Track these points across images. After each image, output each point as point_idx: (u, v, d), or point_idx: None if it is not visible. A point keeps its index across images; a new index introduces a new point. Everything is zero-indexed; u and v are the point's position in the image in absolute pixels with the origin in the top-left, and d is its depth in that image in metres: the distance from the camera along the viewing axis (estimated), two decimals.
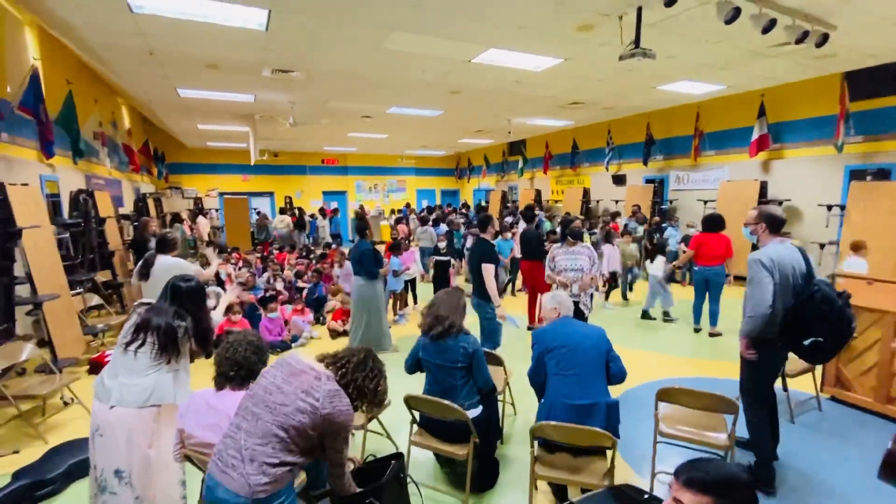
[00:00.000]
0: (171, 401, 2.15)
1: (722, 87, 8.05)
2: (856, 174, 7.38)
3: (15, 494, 2.68)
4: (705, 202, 9.29)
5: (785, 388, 3.59)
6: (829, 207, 7.41)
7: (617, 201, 11.62)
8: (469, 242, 8.37)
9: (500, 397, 3.26)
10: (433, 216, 10.49)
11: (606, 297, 7.31)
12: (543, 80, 7.18)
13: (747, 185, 8.42)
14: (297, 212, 14.22)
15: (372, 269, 4.94)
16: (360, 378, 1.73)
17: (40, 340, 4.40)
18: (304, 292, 6.80)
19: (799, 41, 4.47)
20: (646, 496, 1.23)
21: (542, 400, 2.64)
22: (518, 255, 6.91)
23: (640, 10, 4.18)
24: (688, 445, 2.75)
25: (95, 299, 5.51)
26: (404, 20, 4.68)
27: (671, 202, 10.47)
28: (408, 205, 17.23)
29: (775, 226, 2.76)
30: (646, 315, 6.40)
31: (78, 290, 5.11)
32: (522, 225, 7.39)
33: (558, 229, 6.15)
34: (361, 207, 15.01)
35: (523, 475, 2.74)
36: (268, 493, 1.49)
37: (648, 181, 11.06)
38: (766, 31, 4.16)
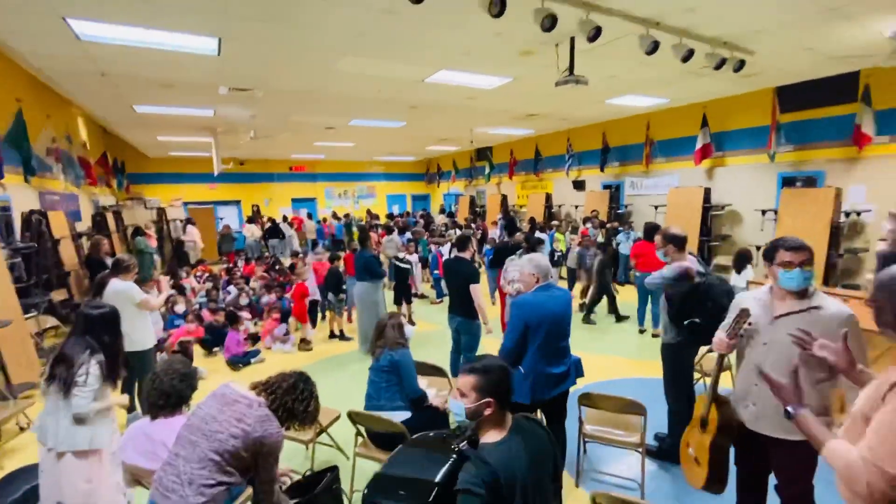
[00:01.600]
0: (107, 446, 2.25)
1: (665, 101, 8.54)
2: (787, 181, 7.97)
3: None
4: (656, 207, 9.81)
5: (696, 381, 3.92)
6: (764, 212, 7.98)
7: (577, 206, 12.09)
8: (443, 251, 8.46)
9: None
10: (397, 224, 10.68)
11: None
12: (497, 96, 7.49)
13: (693, 192, 8.95)
14: (268, 221, 14.16)
15: (377, 272, 5.59)
16: (290, 401, 1.91)
17: None
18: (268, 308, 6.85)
19: (718, 67, 4.88)
20: (455, 447, 1.49)
21: (520, 371, 2.65)
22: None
23: (572, 39, 4.51)
24: (611, 446, 3.07)
25: (51, 320, 5.49)
26: (352, 46, 4.89)
27: (627, 207, 10.97)
28: (368, 211, 17.30)
29: (680, 244, 3.13)
30: (588, 319, 6.71)
31: (32, 313, 5.10)
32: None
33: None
34: (347, 216, 15.09)
35: None
36: None
37: (606, 187, 11.56)
38: (685, 59, 4.55)
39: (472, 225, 11.83)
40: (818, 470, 1.97)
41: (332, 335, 6.44)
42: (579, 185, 12.17)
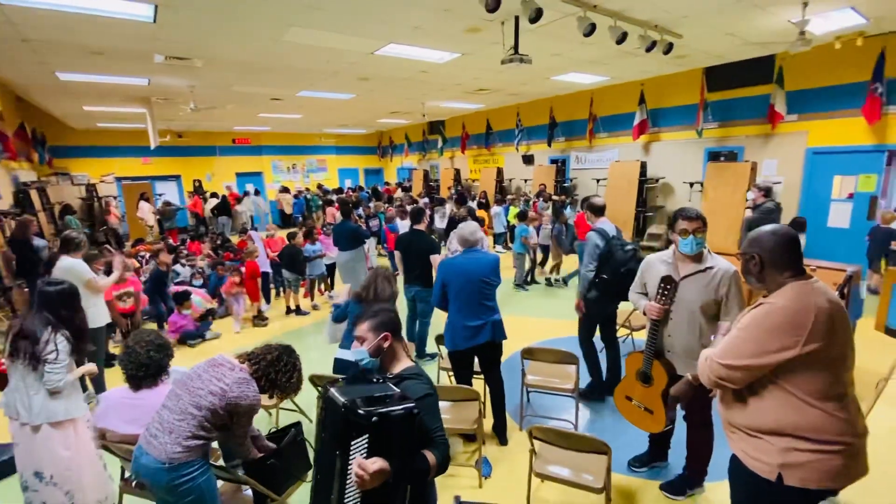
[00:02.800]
0: (82, 414, 2.35)
1: (606, 78, 8.97)
2: (713, 155, 8.71)
3: None
4: (598, 181, 10.38)
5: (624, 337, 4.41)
6: (692, 185, 8.70)
7: (526, 180, 12.51)
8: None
9: None
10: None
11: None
12: (447, 71, 7.58)
13: (631, 166, 9.54)
14: (218, 196, 13.60)
15: (364, 235, 6.20)
16: (273, 373, 2.09)
17: None
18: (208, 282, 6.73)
19: (649, 49, 5.26)
20: (374, 418, 1.36)
21: (447, 321, 3.20)
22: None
23: (517, 18, 4.70)
24: (547, 392, 3.46)
25: None
26: (300, 18, 4.81)
27: (572, 181, 11.52)
28: (319, 186, 17.00)
29: (597, 211, 3.68)
30: (520, 285, 7.21)
31: None
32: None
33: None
34: (305, 191, 14.97)
35: None
36: (181, 461, 1.85)
37: (553, 161, 12.02)
38: (619, 41, 4.88)
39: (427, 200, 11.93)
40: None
41: (288, 311, 6.50)
42: (528, 160, 12.56)
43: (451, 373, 3.68)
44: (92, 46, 5.50)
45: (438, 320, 4.90)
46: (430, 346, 4.51)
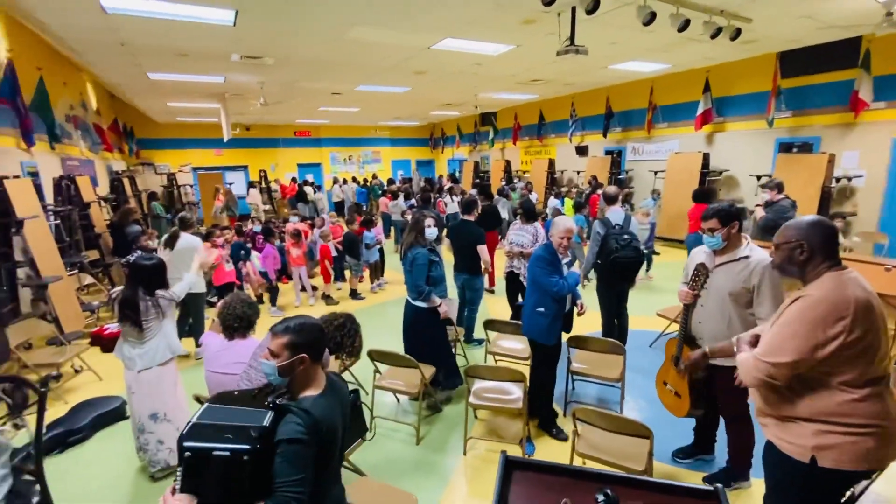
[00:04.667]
0: (181, 351, 2.87)
1: (668, 66, 8.62)
2: (784, 147, 8.16)
3: (53, 440, 3.29)
4: (655, 173, 10.03)
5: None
6: (759, 178, 8.22)
7: (579, 172, 12.29)
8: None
9: (454, 350, 3.99)
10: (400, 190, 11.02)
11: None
12: (502, 63, 7.62)
13: (692, 157, 9.14)
14: (297, 185, 14.50)
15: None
16: (339, 336, 2.41)
17: (42, 316, 4.89)
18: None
19: (714, 36, 5.05)
20: (186, 453, 1.29)
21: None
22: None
23: (573, 9, 4.68)
24: (592, 381, 3.54)
25: (88, 279, 5.96)
26: (362, 16, 5.07)
27: (628, 172, 11.18)
28: (374, 176, 17.52)
29: (609, 200, 4.12)
30: None
31: (72, 272, 5.56)
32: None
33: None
34: (369, 180, 15.60)
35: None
36: None
37: (608, 152, 11.72)
38: (681, 29, 4.73)
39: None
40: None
41: (352, 294, 6.93)
42: (582, 151, 12.31)
43: (497, 358, 3.85)
44: (179, 49, 6.09)
45: (485, 308, 5.07)
46: (478, 332, 4.68)
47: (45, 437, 3.29)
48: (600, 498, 1.41)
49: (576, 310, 3.25)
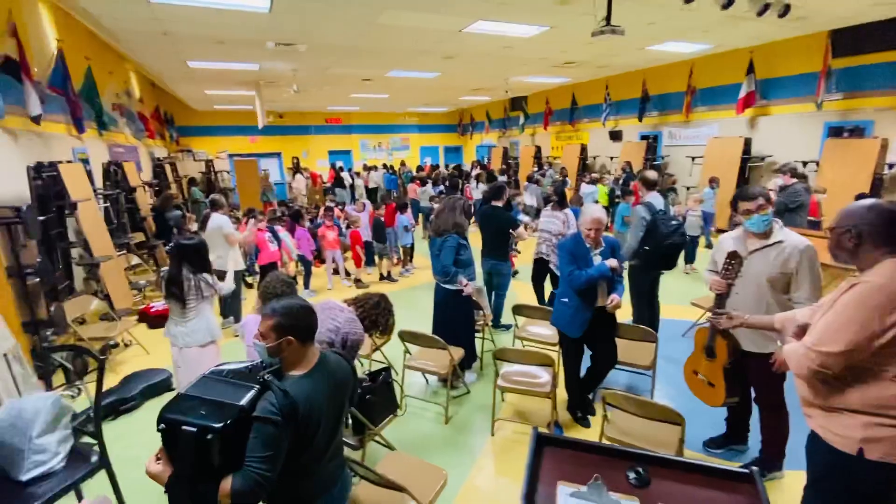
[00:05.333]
0: (220, 336, 3.00)
1: (709, 47, 8.24)
2: (834, 131, 7.72)
3: (107, 407, 3.54)
4: (693, 158, 9.68)
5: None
6: (805, 164, 7.81)
7: (612, 158, 11.99)
8: None
9: (479, 333, 4.03)
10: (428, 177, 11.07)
11: None
12: (534, 45, 7.47)
13: (732, 142, 8.77)
14: (337, 171, 14.73)
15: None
16: (375, 315, 2.50)
17: (94, 293, 5.22)
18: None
19: (761, 13, 4.80)
20: (161, 425, 1.39)
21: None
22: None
23: None
24: (622, 368, 3.52)
25: (135, 259, 6.29)
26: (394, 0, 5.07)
27: (664, 158, 10.83)
28: (403, 163, 17.56)
29: (649, 185, 4.00)
30: None
31: (120, 252, 5.88)
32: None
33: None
34: (401, 166, 15.69)
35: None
36: None
37: (643, 137, 11.36)
38: (725, 6, 4.52)
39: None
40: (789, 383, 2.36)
41: (381, 277, 7.06)
42: (616, 136, 11.98)
43: (525, 343, 3.87)
44: (218, 36, 6.27)
45: (512, 293, 5.07)
46: (507, 318, 4.70)
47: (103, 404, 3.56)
48: (631, 475, 1.43)
49: (607, 304, 2.99)
